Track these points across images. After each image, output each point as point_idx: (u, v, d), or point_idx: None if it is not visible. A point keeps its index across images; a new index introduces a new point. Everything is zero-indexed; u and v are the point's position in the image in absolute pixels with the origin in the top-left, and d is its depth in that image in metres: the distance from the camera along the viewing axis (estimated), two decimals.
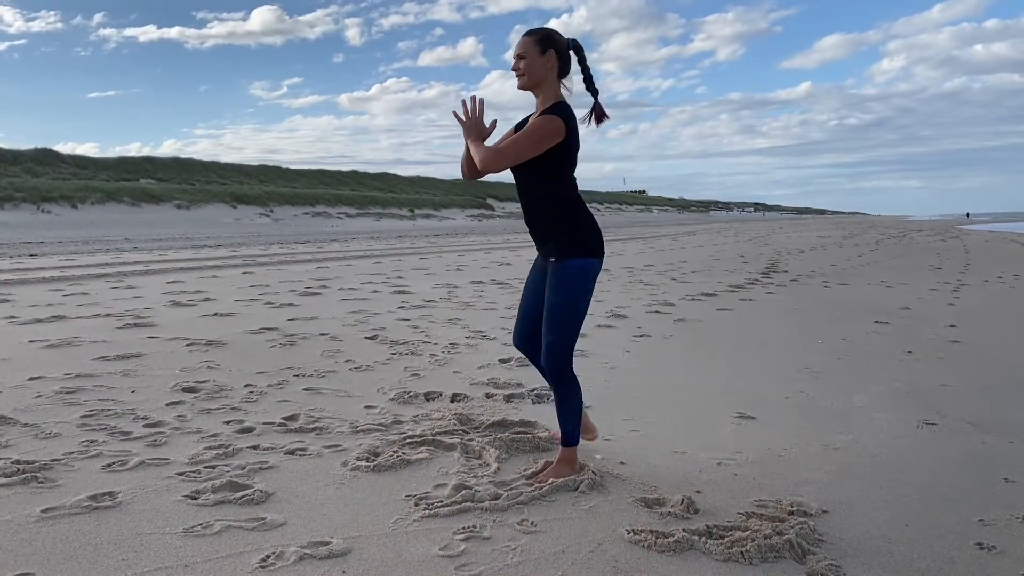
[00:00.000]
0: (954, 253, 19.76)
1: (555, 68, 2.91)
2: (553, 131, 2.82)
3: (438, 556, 2.37)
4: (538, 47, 2.90)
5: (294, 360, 5.25)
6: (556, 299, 2.94)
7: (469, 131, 2.90)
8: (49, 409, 3.90)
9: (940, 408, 4.26)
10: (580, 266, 2.93)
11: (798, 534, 2.49)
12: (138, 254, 16.27)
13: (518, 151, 2.83)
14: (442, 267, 13.80)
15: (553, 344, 2.95)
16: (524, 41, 2.92)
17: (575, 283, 2.92)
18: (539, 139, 2.81)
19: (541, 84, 2.92)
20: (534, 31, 2.94)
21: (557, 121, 2.82)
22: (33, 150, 43.85)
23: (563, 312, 2.94)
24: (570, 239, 2.93)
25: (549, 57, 2.90)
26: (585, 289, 2.95)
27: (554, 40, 2.91)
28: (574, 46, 2.95)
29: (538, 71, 2.90)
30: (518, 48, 2.93)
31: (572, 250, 2.93)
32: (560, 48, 2.92)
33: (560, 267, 2.94)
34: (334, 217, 42.89)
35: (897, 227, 53.60)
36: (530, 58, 2.89)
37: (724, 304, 8.79)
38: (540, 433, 3.57)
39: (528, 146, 2.82)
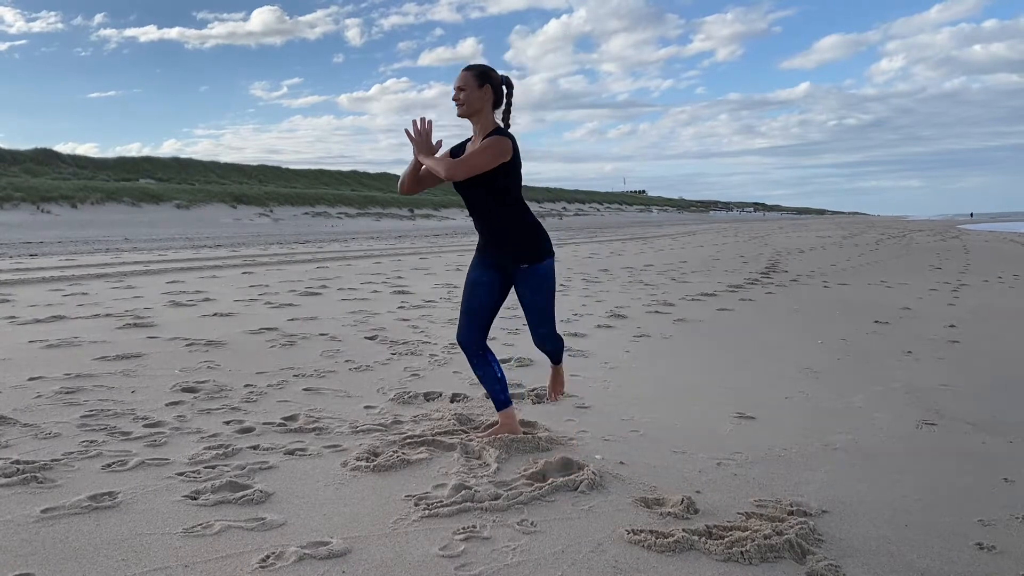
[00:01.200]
0: (954, 253, 19.77)
1: (491, 100, 3.35)
2: (504, 150, 3.27)
3: (438, 556, 2.37)
4: (476, 81, 3.32)
5: (294, 360, 5.25)
6: (541, 298, 3.47)
7: (420, 147, 3.33)
8: (49, 409, 3.90)
9: (940, 408, 4.26)
10: (548, 266, 3.46)
11: (798, 534, 2.49)
12: (138, 254, 16.27)
13: (477, 163, 3.25)
14: (442, 267, 13.80)
15: (552, 329, 3.60)
16: (464, 75, 3.34)
17: (549, 281, 3.47)
18: (492, 156, 3.25)
19: (478, 113, 3.34)
20: (473, 67, 3.36)
21: (506, 142, 3.28)
22: (33, 150, 43.85)
23: (548, 305, 3.51)
24: (534, 246, 3.43)
25: (486, 90, 3.33)
26: (554, 282, 3.55)
27: (490, 76, 3.35)
28: (506, 82, 3.40)
29: (476, 102, 3.32)
30: (458, 81, 3.33)
31: (538, 255, 3.43)
32: (495, 83, 3.35)
33: (534, 271, 3.43)
34: (334, 217, 42.89)
35: (897, 227, 53.61)
36: (469, 90, 3.31)
37: (724, 304, 8.79)
38: (540, 433, 3.57)
39: (484, 160, 3.25)
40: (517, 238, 3.43)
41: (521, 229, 3.43)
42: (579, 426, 3.81)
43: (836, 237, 31.77)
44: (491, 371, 3.56)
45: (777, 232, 39.71)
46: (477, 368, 3.59)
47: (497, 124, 3.38)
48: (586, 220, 64.53)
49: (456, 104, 3.34)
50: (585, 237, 30.90)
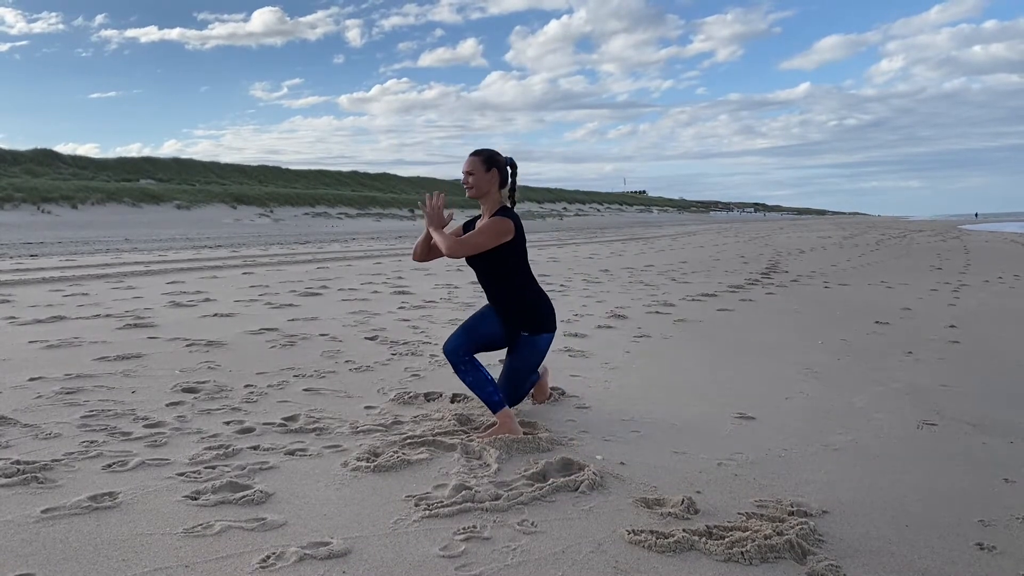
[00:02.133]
0: (954, 253, 19.77)
1: (497, 181, 3.65)
2: (505, 230, 3.56)
3: (438, 556, 2.37)
4: (484, 165, 3.62)
5: (294, 360, 5.25)
6: (531, 363, 3.77)
7: (431, 219, 3.63)
8: (49, 409, 3.90)
9: (940, 408, 4.26)
10: (547, 340, 3.74)
11: (798, 534, 2.49)
12: (138, 254, 16.27)
13: (478, 243, 3.54)
14: (442, 267, 13.80)
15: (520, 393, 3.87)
16: (472, 160, 3.63)
17: (542, 352, 3.76)
18: (494, 235, 3.54)
19: (487, 194, 3.65)
20: (480, 152, 3.64)
21: (508, 223, 3.57)
22: (33, 150, 43.88)
23: (532, 369, 3.81)
24: (537, 318, 3.69)
25: (492, 173, 3.64)
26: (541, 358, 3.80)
27: (496, 160, 3.65)
28: (510, 163, 3.71)
29: (484, 184, 3.63)
30: (466, 166, 3.63)
31: (541, 327, 3.70)
32: (500, 165, 3.66)
33: (533, 341, 3.71)
34: (334, 217, 42.90)
35: (898, 227, 53.60)
36: (477, 174, 3.62)
37: (724, 304, 8.79)
38: (540, 433, 3.57)
39: (486, 240, 3.54)
40: (519, 311, 3.67)
41: (523, 303, 3.68)
42: (579, 426, 3.81)
43: (836, 237, 31.76)
44: (480, 375, 3.58)
45: (778, 232, 39.71)
46: (466, 375, 3.59)
47: (503, 204, 3.67)
48: (586, 220, 64.52)
49: (465, 187, 3.62)
50: (585, 238, 30.90)
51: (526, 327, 3.68)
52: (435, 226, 3.61)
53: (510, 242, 3.58)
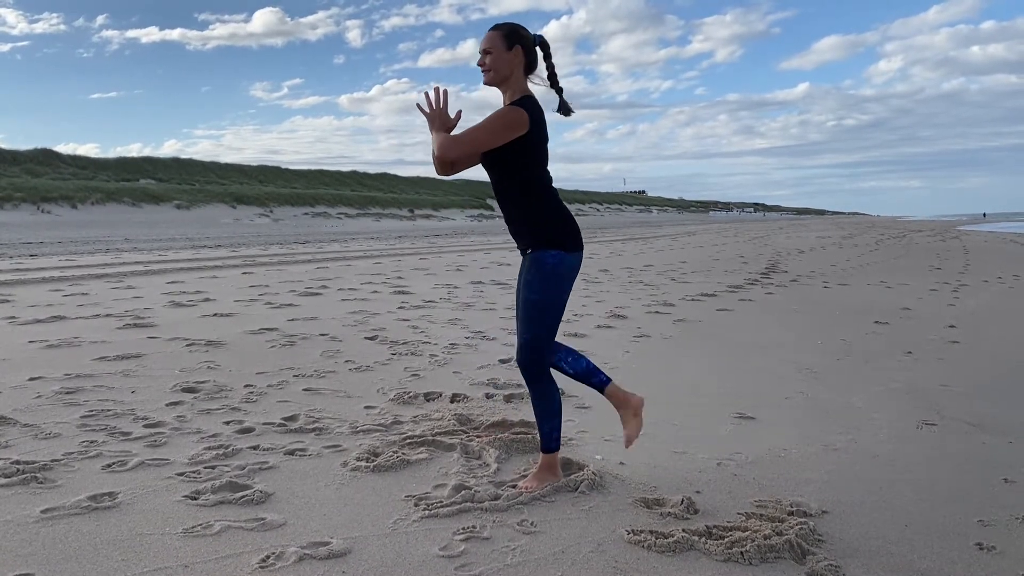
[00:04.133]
0: (954, 253, 19.77)
1: (521, 63, 2.87)
2: (514, 122, 2.76)
3: (438, 556, 2.37)
4: (504, 42, 2.84)
5: (294, 360, 5.25)
6: (529, 295, 2.87)
7: (433, 122, 2.85)
8: (49, 409, 3.90)
9: (940, 408, 4.26)
10: (555, 258, 2.84)
11: (798, 534, 2.49)
12: (138, 254, 16.27)
13: (476, 138, 2.77)
14: (442, 267, 13.80)
15: (526, 342, 2.91)
16: (490, 36, 2.86)
17: (549, 278, 2.84)
18: (499, 128, 2.76)
19: (507, 79, 2.86)
20: (500, 26, 2.88)
21: (519, 112, 2.77)
22: (33, 150, 43.86)
23: (537, 309, 2.87)
24: (545, 230, 2.87)
25: (516, 52, 2.85)
26: (559, 285, 2.86)
27: (520, 35, 2.87)
28: (540, 42, 2.91)
29: (504, 66, 2.84)
30: (484, 43, 2.87)
31: (545, 241, 2.86)
32: (527, 43, 2.87)
33: (534, 259, 2.87)
34: (334, 217, 42.90)
35: (897, 227, 53.61)
36: (496, 53, 2.84)
37: (724, 304, 8.79)
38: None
39: (488, 133, 2.76)
40: (532, 223, 2.88)
41: (539, 213, 2.88)
42: (579, 426, 3.81)
43: (836, 237, 31.76)
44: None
45: (777, 232, 39.71)
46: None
47: (528, 91, 2.89)
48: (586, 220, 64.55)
49: (482, 70, 2.87)
50: (585, 237, 30.73)
51: (534, 242, 2.89)
52: (439, 128, 2.83)
53: (523, 141, 2.78)
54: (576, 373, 3.02)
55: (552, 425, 2.98)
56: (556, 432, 2.99)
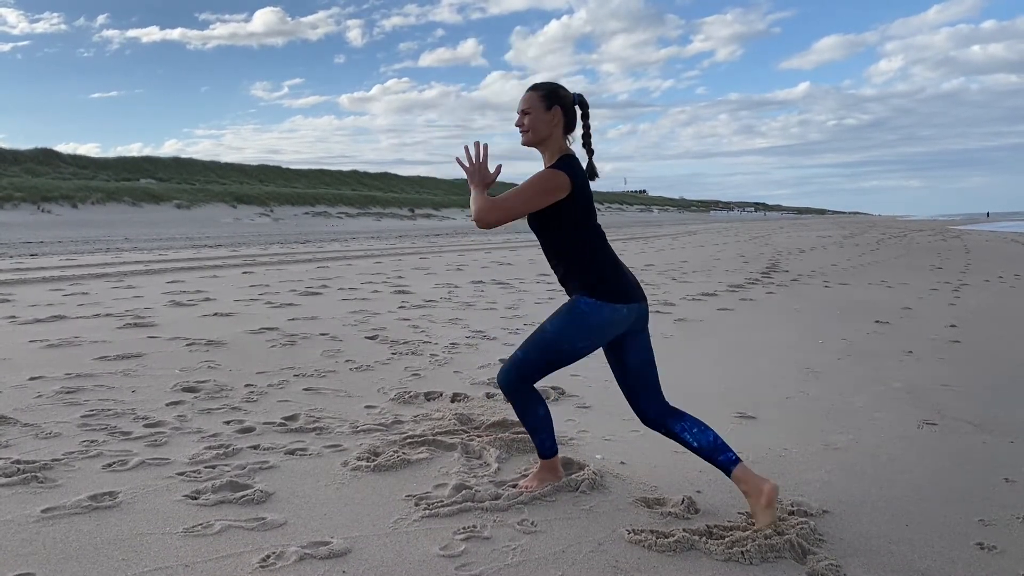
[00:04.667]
0: (955, 253, 19.76)
1: (560, 124, 2.81)
2: (555, 186, 2.70)
3: (438, 556, 2.37)
4: (543, 103, 2.79)
5: (294, 360, 5.25)
6: (547, 323, 2.82)
7: (472, 176, 2.80)
8: (49, 409, 3.90)
9: (940, 408, 4.25)
10: (590, 306, 2.73)
11: (798, 534, 2.49)
12: (138, 254, 16.27)
13: (516, 205, 2.71)
14: (442, 267, 13.80)
15: (515, 359, 2.85)
16: (529, 96, 2.82)
17: (575, 321, 2.74)
18: (539, 193, 2.70)
19: (546, 140, 2.81)
20: (539, 86, 2.84)
21: (559, 175, 2.71)
22: (33, 150, 43.87)
23: (544, 339, 2.80)
24: (589, 281, 2.78)
25: (554, 113, 2.79)
26: (582, 333, 2.74)
27: (560, 96, 2.82)
28: (579, 101, 2.86)
29: (543, 128, 2.79)
30: (523, 103, 2.82)
31: (588, 289, 2.76)
32: (566, 103, 2.82)
33: (573, 301, 2.80)
34: (334, 217, 42.90)
35: (898, 227, 53.57)
36: (535, 114, 2.79)
37: (724, 304, 8.79)
38: None
39: (526, 200, 2.70)
40: (578, 275, 2.80)
41: (585, 268, 2.80)
42: (579, 426, 3.81)
43: (837, 237, 31.76)
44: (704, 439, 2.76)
45: (778, 232, 39.69)
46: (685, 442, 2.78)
47: (567, 150, 2.83)
48: None
49: (520, 130, 2.83)
50: None
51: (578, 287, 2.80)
52: (479, 183, 2.78)
53: (566, 202, 2.72)
54: (700, 448, 2.74)
55: (542, 437, 2.94)
56: (548, 442, 2.95)
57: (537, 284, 10.63)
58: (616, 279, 2.79)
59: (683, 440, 2.76)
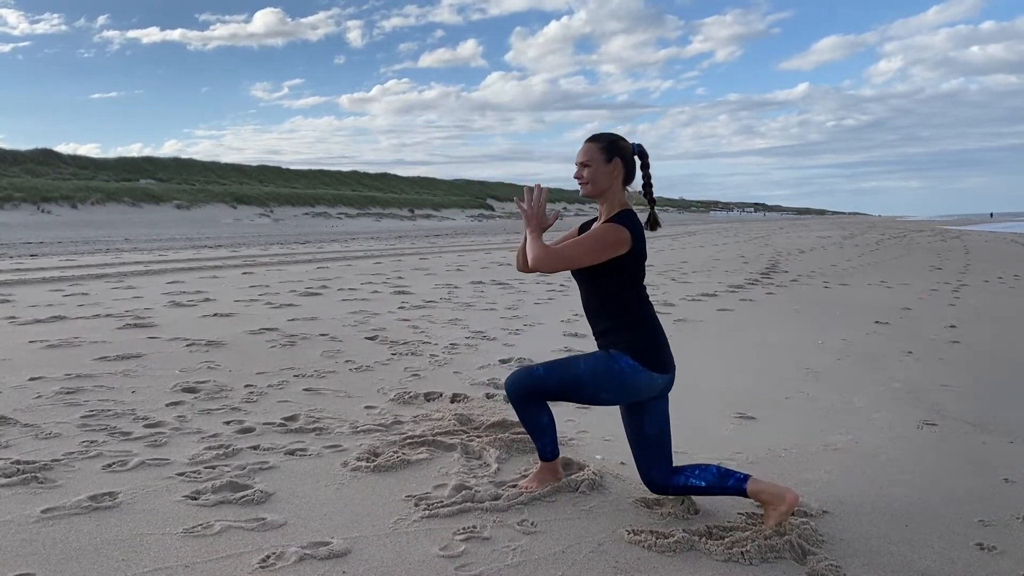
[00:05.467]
0: (954, 253, 19.77)
1: (621, 176, 2.80)
2: (617, 242, 2.69)
3: (438, 556, 2.37)
4: (604, 155, 2.78)
5: (294, 360, 5.25)
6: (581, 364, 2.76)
7: (530, 221, 2.78)
8: (49, 409, 3.90)
9: (940, 408, 4.26)
10: (630, 367, 2.69)
11: (798, 534, 2.49)
12: (138, 254, 16.27)
13: (576, 256, 2.70)
14: (442, 267, 13.80)
15: (533, 372, 2.82)
16: (588, 148, 2.80)
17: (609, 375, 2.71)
18: (601, 247, 2.69)
19: (606, 192, 2.80)
20: (599, 137, 2.82)
21: (623, 232, 2.69)
22: (33, 150, 43.87)
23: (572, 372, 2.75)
24: (633, 341, 2.74)
25: (615, 165, 2.78)
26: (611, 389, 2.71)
27: (620, 147, 2.80)
28: (639, 152, 2.84)
29: (604, 180, 2.78)
30: (582, 155, 2.80)
31: (631, 349, 2.72)
32: (626, 155, 2.80)
33: (614, 355, 2.73)
34: (334, 217, 42.90)
35: (898, 227, 53.59)
36: (595, 166, 2.77)
37: (724, 304, 8.79)
38: None
39: (587, 252, 2.69)
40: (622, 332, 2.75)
41: (630, 325, 2.76)
42: (579, 426, 3.81)
43: (836, 237, 31.76)
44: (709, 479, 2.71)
45: (778, 232, 39.71)
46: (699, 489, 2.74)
47: (626, 204, 2.82)
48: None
49: (579, 183, 2.82)
50: None
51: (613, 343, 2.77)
52: (534, 228, 2.77)
53: (623, 258, 2.71)
54: (710, 486, 2.70)
55: (543, 442, 2.93)
56: (550, 446, 2.94)
57: (537, 284, 10.63)
58: (660, 347, 2.77)
59: (692, 488, 2.73)
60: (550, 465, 2.98)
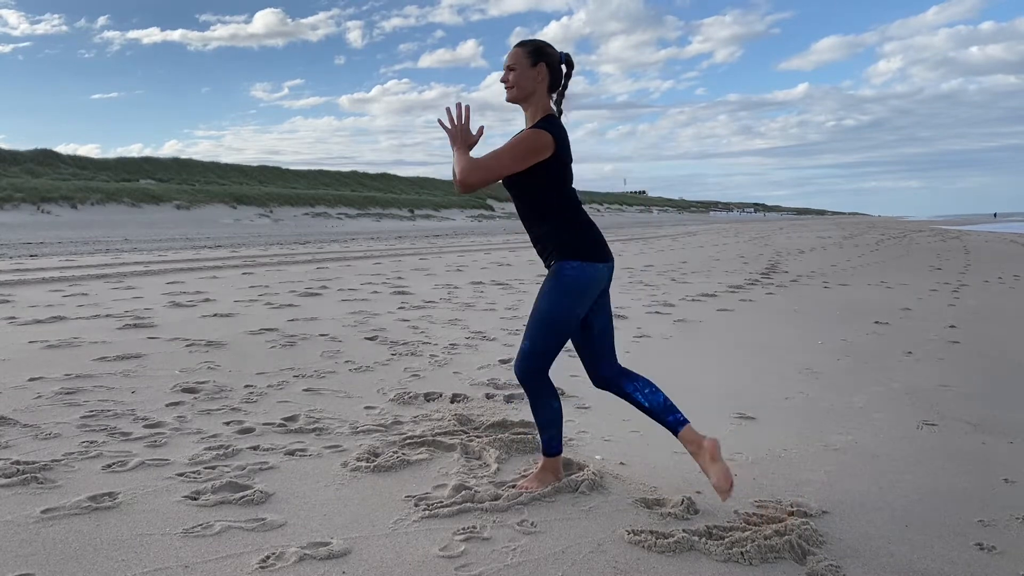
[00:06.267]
0: (954, 254, 19.77)
1: (545, 81, 2.84)
2: (540, 146, 2.72)
3: (438, 556, 2.37)
4: (529, 59, 2.82)
5: (294, 361, 5.25)
6: (541, 304, 2.81)
7: (455, 139, 2.81)
8: (49, 410, 3.90)
9: (940, 408, 4.26)
10: (575, 269, 2.78)
11: (798, 535, 2.49)
12: (138, 255, 16.27)
13: (501, 164, 2.72)
14: (442, 268, 13.80)
15: (525, 350, 2.84)
16: (515, 52, 2.84)
17: (566, 289, 2.77)
18: (524, 153, 2.72)
19: (530, 97, 2.84)
20: (526, 42, 2.86)
21: (545, 136, 2.73)
22: (33, 151, 43.85)
23: (546, 320, 2.79)
24: (569, 242, 2.81)
25: (540, 70, 2.82)
26: (575, 298, 2.79)
27: (546, 53, 2.84)
28: (566, 60, 2.88)
29: (528, 84, 2.82)
30: (509, 59, 2.85)
31: (570, 251, 2.80)
32: (552, 61, 2.84)
33: (555, 269, 2.81)
34: (334, 218, 42.90)
35: (898, 228, 53.59)
36: (520, 70, 2.82)
37: (724, 305, 8.79)
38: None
39: (512, 159, 2.72)
40: (557, 239, 2.83)
41: (564, 231, 2.83)
42: (579, 426, 3.81)
43: (836, 238, 31.76)
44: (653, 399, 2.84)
45: (777, 233, 39.71)
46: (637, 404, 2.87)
47: (550, 110, 2.86)
48: None
49: (505, 86, 2.85)
50: None
51: (558, 253, 2.82)
52: (461, 145, 2.78)
53: (547, 163, 2.74)
54: (651, 408, 2.82)
55: (551, 433, 2.95)
56: (557, 439, 2.96)
57: (536, 285, 10.63)
58: (595, 239, 2.87)
59: (635, 400, 2.85)
60: (552, 463, 2.98)
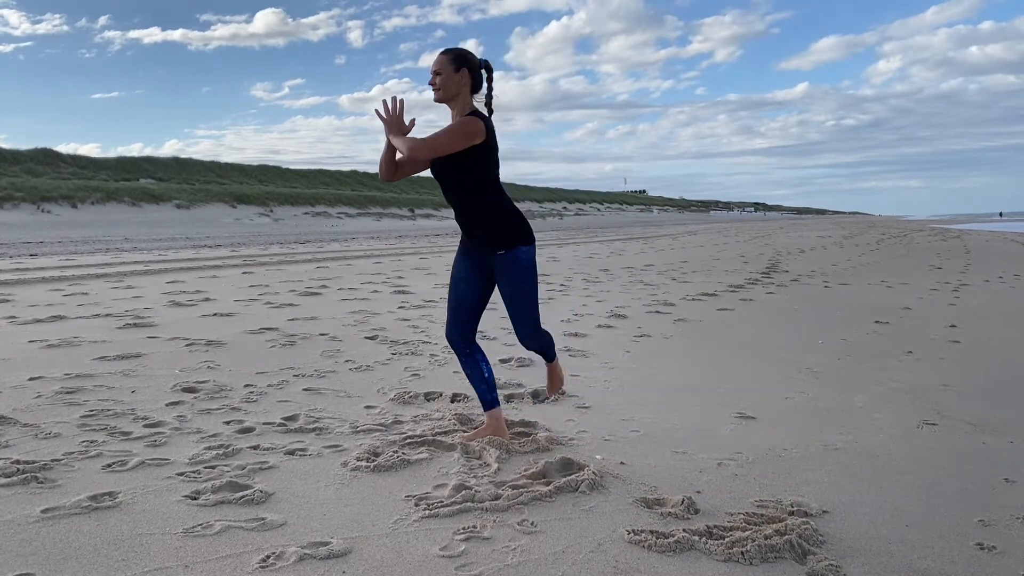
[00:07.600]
0: (954, 253, 19.76)
1: (468, 84, 3.25)
2: (474, 131, 3.14)
3: (438, 556, 2.37)
4: (453, 64, 3.22)
5: (294, 360, 5.25)
6: (519, 290, 3.30)
7: (391, 127, 3.21)
8: (49, 409, 3.90)
9: (940, 408, 4.25)
10: (526, 254, 3.29)
11: (798, 534, 2.49)
12: (138, 254, 16.27)
13: (443, 143, 3.12)
14: (442, 267, 13.79)
15: (531, 326, 3.37)
16: (440, 59, 3.24)
17: (528, 271, 3.30)
18: (460, 135, 3.13)
19: (455, 98, 3.25)
20: (450, 50, 3.25)
21: (477, 123, 3.14)
22: (33, 150, 43.84)
23: (528, 297, 3.32)
24: (511, 231, 3.28)
25: (463, 74, 3.23)
26: (535, 272, 3.35)
27: (468, 59, 3.25)
28: (485, 65, 3.30)
29: (452, 86, 3.23)
30: (435, 65, 3.24)
31: (517, 239, 3.28)
32: (473, 66, 3.26)
33: (511, 257, 3.28)
34: (334, 217, 42.89)
35: (899, 227, 53.58)
36: (445, 74, 3.21)
37: (724, 304, 8.79)
38: (540, 433, 3.56)
39: (450, 140, 3.12)
40: (492, 224, 3.28)
41: (496, 214, 3.27)
42: (579, 426, 3.81)
43: (837, 237, 31.76)
44: (478, 370, 3.47)
45: (778, 232, 39.71)
46: (465, 366, 3.51)
47: (474, 107, 3.27)
48: (587, 220, 64.55)
49: (432, 88, 3.24)
50: (585, 237, 30.90)
51: (502, 243, 3.28)
52: (396, 133, 3.20)
53: (481, 148, 3.17)
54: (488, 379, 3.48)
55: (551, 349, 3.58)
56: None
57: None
58: (527, 223, 3.34)
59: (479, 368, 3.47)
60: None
